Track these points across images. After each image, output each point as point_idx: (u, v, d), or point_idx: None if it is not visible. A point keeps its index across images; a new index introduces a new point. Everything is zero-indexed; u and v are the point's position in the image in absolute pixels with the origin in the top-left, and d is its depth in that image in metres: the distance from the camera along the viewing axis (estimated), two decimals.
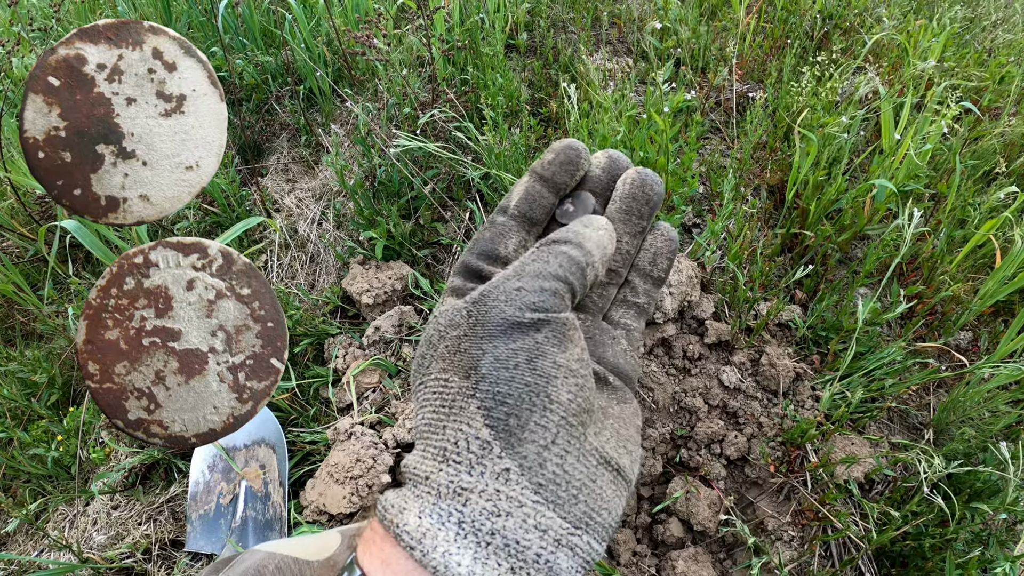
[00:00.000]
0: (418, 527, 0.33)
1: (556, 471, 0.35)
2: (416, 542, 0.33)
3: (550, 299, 0.38)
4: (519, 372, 0.36)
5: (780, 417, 1.58)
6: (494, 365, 0.37)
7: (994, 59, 2.37)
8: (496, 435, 0.35)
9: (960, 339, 1.79)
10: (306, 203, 2.15)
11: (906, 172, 1.79)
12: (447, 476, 0.35)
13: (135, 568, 1.62)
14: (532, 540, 0.33)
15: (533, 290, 0.38)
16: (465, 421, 0.36)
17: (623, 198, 0.45)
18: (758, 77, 2.32)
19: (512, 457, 0.34)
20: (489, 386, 0.36)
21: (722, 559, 1.52)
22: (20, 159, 2.16)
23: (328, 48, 2.27)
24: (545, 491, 0.34)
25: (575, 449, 0.36)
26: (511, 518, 0.33)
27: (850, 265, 1.88)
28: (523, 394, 0.36)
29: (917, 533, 1.39)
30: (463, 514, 0.34)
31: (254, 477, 1.62)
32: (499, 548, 0.33)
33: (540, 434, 0.35)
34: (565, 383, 0.37)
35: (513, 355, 0.37)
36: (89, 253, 2.20)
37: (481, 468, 0.34)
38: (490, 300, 0.39)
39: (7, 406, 1.88)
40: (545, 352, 0.37)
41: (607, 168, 0.47)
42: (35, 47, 2.58)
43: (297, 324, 1.80)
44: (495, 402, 0.36)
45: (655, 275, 0.46)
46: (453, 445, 0.36)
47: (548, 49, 2.30)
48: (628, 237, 0.45)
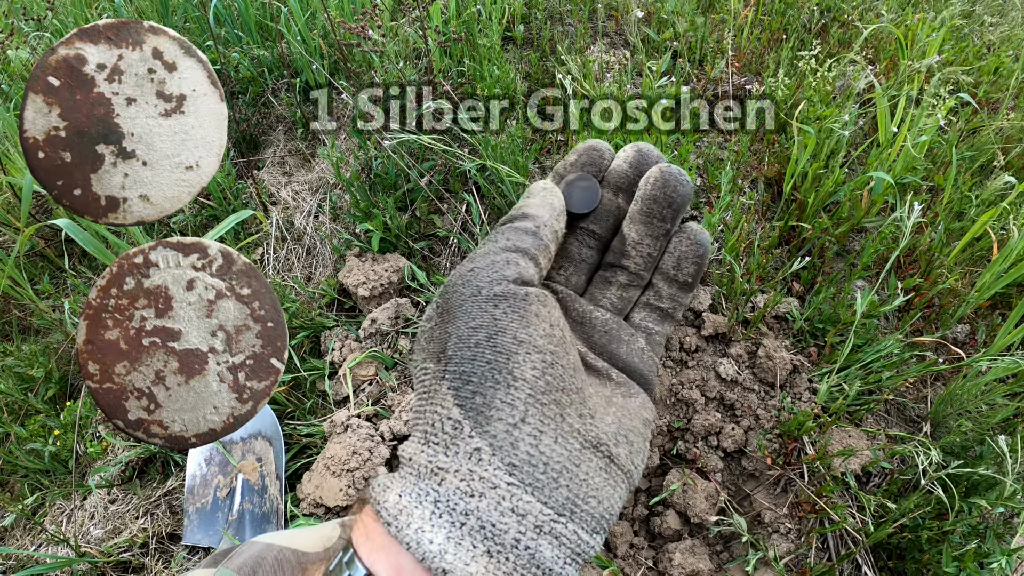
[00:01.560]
0: (396, 504, 0.34)
1: (531, 451, 0.34)
2: (392, 518, 0.33)
3: (505, 269, 0.38)
4: (479, 350, 0.36)
5: (777, 409, 1.58)
6: (457, 345, 0.37)
7: (993, 54, 2.37)
8: (466, 414, 0.35)
9: (957, 332, 1.79)
10: (302, 196, 2.14)
11: (903, 164, 1.78)
12: (426, 457, 0.35)
13: (133, 562, 1.62)
14: (509, 524, 0.33)
15: (485, 266, 0.39)
16: (439, 403, 0.36)
17: (644, 199, 0.43)
18: (756, 70, 2.31)
19: (482, 436, 0.34)
20: (455, 366, 0.36)
21: (719, 551, 1.52)
22: (16, 154, 2.15)
23: (324, 41, 2.26)
24: (520, 472, 0.34)
25: (550, 430, 0.35)
26: (484, 499, 0.33)
27: (847, 258, 1.88)
28: (485, 371, 0.35)
29: (914, 526, 1.40)
30: (439, 493, 0.34)
31: (251, 470, 1.62)
32: (474, 529, 0.33)
33: (507, 412, 0.35)
34: (528, 359, 0.36)
35: (473, 332, 0.37)
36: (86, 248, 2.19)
37: (455, 448, 0.34)
38: (450, 287, 0.39)
39: (4, 401, 1.88)
40: (504, 328, 0.36)
41: (634, 163, 0.45)
42: (28, 39, 2.57)
43: (293, 317, 1.80)
44: (461, 381, 0.36)
45: (680, 279, 0.44)
46: (431, 427, 0.36)
47: (545, 41, 2.29)
48: (650, 240, 0.44)
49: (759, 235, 1.82)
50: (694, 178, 1.81)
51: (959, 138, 2.09)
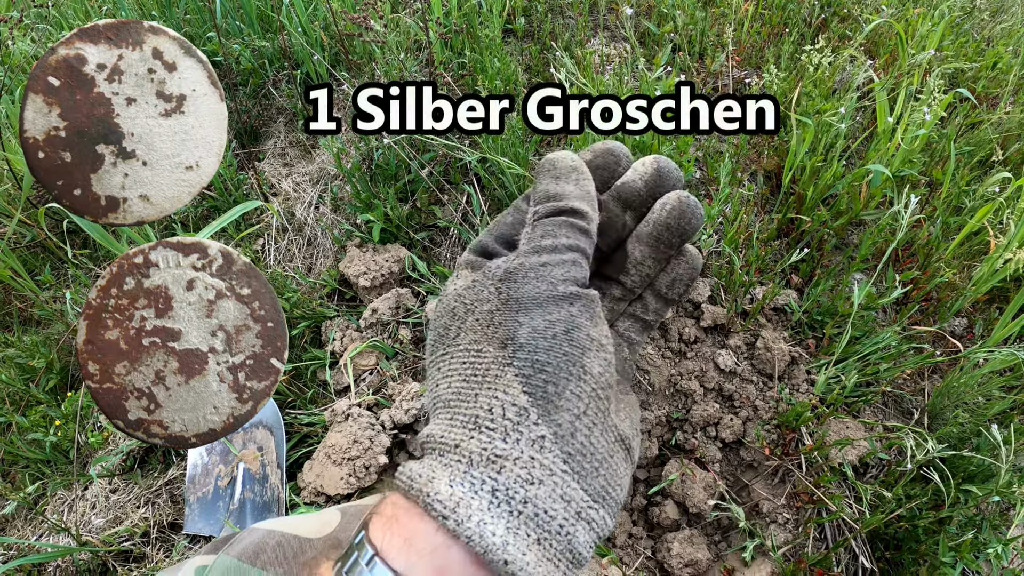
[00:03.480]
0: (451, 496, 0.32)
1: (584, 442, 0.35)
2: (450, 511, 0.32)
3: (573, 270, 0.39)
4: (557, 342, 0.37)
5: (775, 400, 1.59)
6: (532, 335, 0.37)
7: (991, 49, 2.37)
8: (534, 401, 0.35)
9: (955, 325, 1.80)
10: (303, 187, 2.14)
11: (902, 158, 1.79)
12: (479, 443, 0.35)
13: (134, 551, 1.63)
14: (558, 510, 0.33)
15: (557, 264, 0.39)
16: (501, 388, 0.36)
17: (657, 224, 0.43)
18: (756, 63, 2.31)
19: (548, 424, 0.35)
20: (527, 355, 0.36)
21: (717, 541, 1.53)
22: (17, 143, 2.15)
23: (325, 32, 2.26)
24: (573, 461, 0.35)
25: (601, 423, 0.36)
26: (543, 487, 0.33)
27: (846, 250, 1.89)
28: (561, 363, 0.36)
29: (911, 516, 1.41)
30: (497, 482, 0.33)
31: (252, 459, 1.63)
32: (529, 518, 0.33)
33: (575, 403, 0.36)
34: (596, 356, 0.37)
35: (551, 326, 0.37)
36: (87, 239, 2.19)
37: (516, 435, 0.34)
38: (519, 276, 0.39)
39: (5, 391, 1.88)
40: (580, 325, 0.37)
41: (650, 182, 0.44)
42: (32, 30, 2.56)
43: (294, 307, 1.81)
44: (534, 370, 0.36)
45: (669, 297, 0.46)
46: (487, 412, 0.36)
47: (546, 34, 2.29)
48: (651, 261, 0.45)
49: (758, 227, 1.83)
50: (693, 170, 1.82)
51: (958, 133, 2.09)
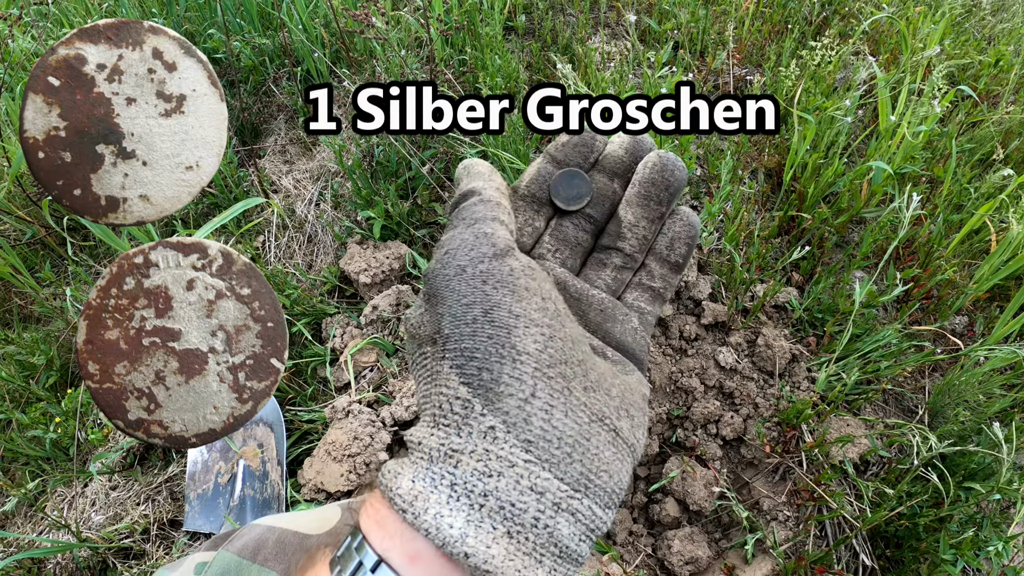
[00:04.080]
0: (410, 490, 0.33)
1: (544, 427, 0.34)
2: (408, 504, 0.32)
3: (480, 247, 0.39)
4: (478, 325, 0.36)
5: (776, 398, 1.59)
6: (453, 323, 0.36)
7: (993, 47, 2.37)
8: (474, 392, 0.34)
9: (955, 323, 1.80)
10: (304, 184, 2.14)
11: (903, 155, 1.79)
12: (438, 439, 0.34)
13: (134, 548, 1.63)
14: (528, 502, 0.33)
15: (458, 247, 0.39)
16: (443, 383, 0.36)
17: (642, 182, 0.44)
18: (757, 61, 2.31)
19: (494, 414, 0.34)
20: (455, 343, 0.36)
21: (717, 539, 1.53)
22: (17, 141, 2.15)
23: (326, 30, 2.26)
24: (536, 449, 0.33)
25: (560, 404, 0.35)
26: (503, 479, 0.33)
27: (846, 248, 1.89)
28: (488, 346, 0.35)
29: (911, 513, 1.41)
30: (455, 476, 0.33)
31: (252, 456, 1.63)
32: (493, 511, 0.32)
33: (516, 387, 0.34)
34: (528, 332, 0.36)
35: (467, 309, 0.36)
36: (87, 235, 2.19)
37: (468, 428, 0.34)
38: (432, 274, 0.39)
39: (5, 388, 1.88)
40: (498, 303, 0.36)
41: (629, 149, 0.46)
42: (32, 27, 2.56)
43: (295, 304, 1.80)
44: (464, 358, 0.35)
45: (672, 260, 0.45)
46: (439, 409, 0.35)
47: (547, 31, 2.29)
48: (646, 222, 0.45)
49: (759, 225, 1.83)
50: (694, 168, 1.82)
51: (959, 131, 2.09)
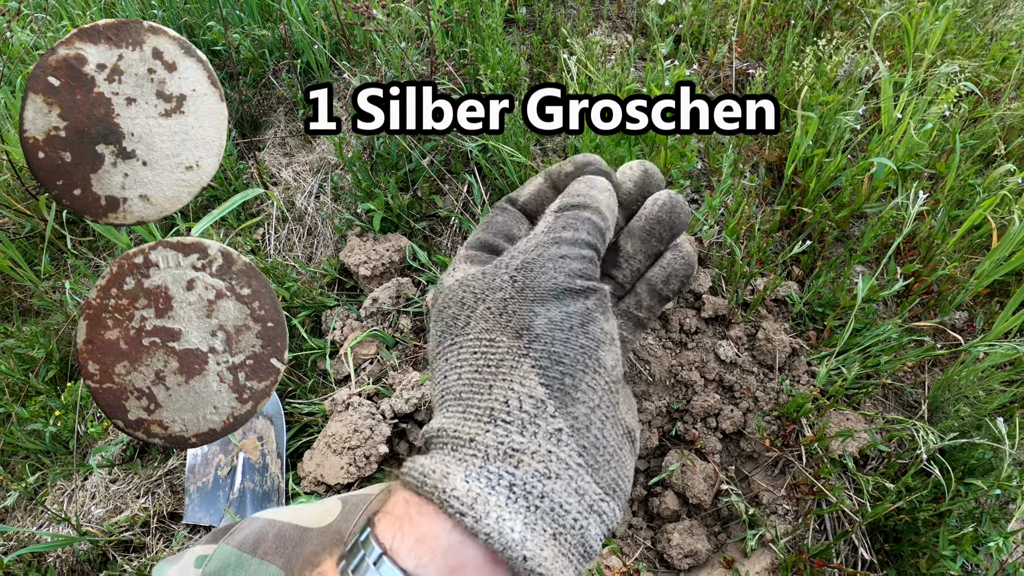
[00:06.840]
0: (467, 492, 0.32)
1: (598, 435, 0.35)
2: (467, 508, 0.31)
3: (589, 266, 0.39)
4: (574, 334, 0.36)
5: (776, 392, 1.59)
6: (549, 326, 0.36)
7: (996, 43, 2.36)
8: (551, 393, 0.35)
9: (956, 318, 1.80)
10: (304, 176, 2.14)
11: (905, 151, 1.78)
12: (496, 437, 0.34)
13: (134, 541, 1.63)
14: (572, 504, 0.33)
15: (576, 257, 0.39)
16: (517, 380, 0.35)
17: (649, 218, 0.45)
18: (758, 55, 2.30)
19: (565, 417, 0.34)
20: (544, 346, 0.36)
21: (717, 532, 1.53)
22: (16, 135, 2.14)
23: (326, 21, 2.25)
24: (587, 455, 0.35)
25: (612, 416, 0.36)
26: (559, 480, 0.33)
27: (847, 243, 1.88)
28: (578, 355, 0.36)
29: (911, 508, 1.41)
30: (515, 477, 0.32)
31: (252, 449, 1.62)
32: (546, 512, 0.32)
33: (590, 395, 0.35)
34: (609, 350, 0.37)
35: (568, 318, 0.37)
36: (86, 229, 2.19)
37: (534, 428, 0.34)
38: (537, 266, 0.39)
39: (5, 381, 1.88)
40: (595, 318, 0.37)
41: (639, 183, 0.46)
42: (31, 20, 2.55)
43: (294, 296, 1.80)
44: (551, 361, 0.35)
45: (664, 293, 0.46)
46: (503, 404, 0.35)
47: (547, 24, 2.28)
48: (643, 256, 0.45)
49: (760, 219, 1.82)
50: (695, 161, 1.81)
51: (961, 126, 2.09)
